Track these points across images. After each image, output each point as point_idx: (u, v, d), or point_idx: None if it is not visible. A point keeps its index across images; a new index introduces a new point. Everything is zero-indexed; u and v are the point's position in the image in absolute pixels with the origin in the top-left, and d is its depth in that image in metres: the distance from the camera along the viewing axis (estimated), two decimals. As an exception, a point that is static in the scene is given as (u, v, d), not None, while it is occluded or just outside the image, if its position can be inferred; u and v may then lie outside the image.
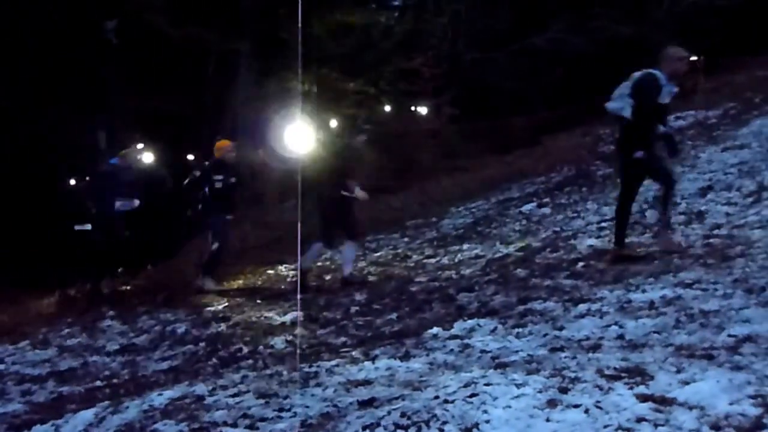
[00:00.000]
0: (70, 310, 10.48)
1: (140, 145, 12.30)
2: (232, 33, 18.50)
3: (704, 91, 17.38)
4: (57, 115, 15.45)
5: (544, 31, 20.78)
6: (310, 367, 5.43)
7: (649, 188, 9.17)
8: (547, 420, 3.70)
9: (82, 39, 16.30)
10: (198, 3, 18.03)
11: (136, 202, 11.19)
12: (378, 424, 3.91)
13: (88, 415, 4.98)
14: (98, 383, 6.74)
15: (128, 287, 11.99)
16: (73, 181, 13.30)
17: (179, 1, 17.44)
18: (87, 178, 11.94)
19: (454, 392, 4.21)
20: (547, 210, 11.85)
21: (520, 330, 5.77)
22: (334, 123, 16.97)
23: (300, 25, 18.21)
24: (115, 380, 6.83)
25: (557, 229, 10.48)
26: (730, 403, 3.63)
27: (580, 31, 19.80)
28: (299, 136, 8.46)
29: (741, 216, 8.71)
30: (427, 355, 5.37)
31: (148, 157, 12.44)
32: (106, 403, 5.30)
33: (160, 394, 5.16)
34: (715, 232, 8.34)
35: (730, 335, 4.74)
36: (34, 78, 15.16)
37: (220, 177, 10.52)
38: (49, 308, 11.39)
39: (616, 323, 5.48)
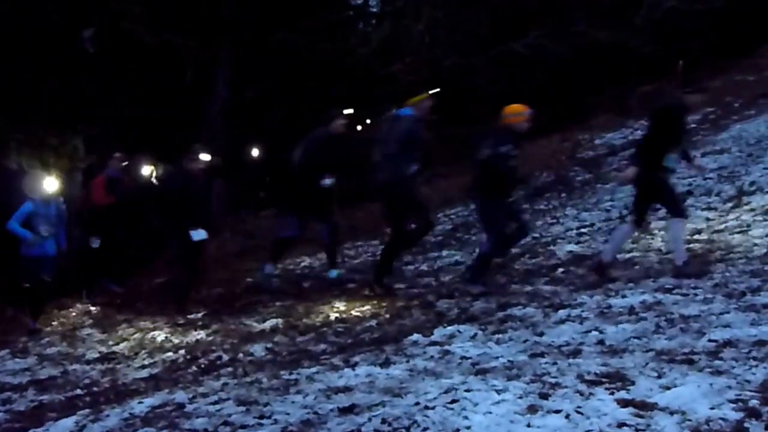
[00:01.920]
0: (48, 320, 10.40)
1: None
2: (211, 40, 18.44)
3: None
4: (34, 123, 15.34)
5: (524, 37, 20.82)
6: (290, 374, 5.43)
7: (629, 194, 9.19)
8: (528, 426, 3.70)
9: (58, 47, 16.19)
10: (176, 11, 17.96)
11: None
12: (359, 431, 3.91)
13: (68, 423, 4.95)
14: (78, 391, 6.70)
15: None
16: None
17: (157, 8, 17.36)
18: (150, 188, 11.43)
19: (435, 398, 4.20)
20: (525, 216, 11.88)
21: (500, 336, 5.78)
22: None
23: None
24: (95, 388, 6.79)
25: (536, 235, 10.51)
26: (711, 408, 3.64)
27: (560, 37, 19.85)
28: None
29: (721, 221, 8.78)
30: (407, 361, 5.36)
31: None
32: (87, 411, 5.28)
33: (141, 402, 5.13)
34: (695, 237, 8.39)
35: (710, 340, 4.76)
36: (10, 86, 15.06)
37: (506, 147, 7.95)
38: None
39: (596, 329, 5.50)
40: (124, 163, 11.96)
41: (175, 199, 9.43)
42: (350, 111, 10.03)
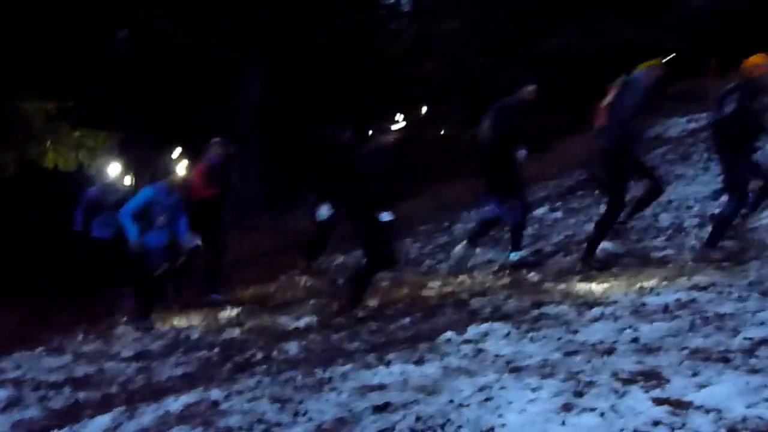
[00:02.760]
0: (85, 318, 10.49)
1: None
2: (241, 42, 18.55)
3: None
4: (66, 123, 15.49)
5: (553, 36, 20.74)
6: (325, 372, 5.45)
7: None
8: (563, 424, 3.70)
9: (92, 49, 16.36)
10: (206, 12, 18.07)
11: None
12: (393, 429, 3.93)
13: (104, 420, 5.01)
14: (114, 389, 6.75)
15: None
16: None
17: (188, 11, 17.48)
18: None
19: (469, 397, 4.22)
20: (559, 214, 11.83)
21: (534, 334, 5.77)
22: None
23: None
24: (130, 386, 6.84)
25: (570, 233, 10.46)
26: (747, 406, 3.62)
27: (589, 35, 19.75)
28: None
29: (755, 219, 8.69)
30: (441, 359, 5.38)
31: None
32: (123, 408, 5.33)
33: (176, 400, 5.18)
34: (729, 235, 8.32)
35: (745, 338, 4.73)
36: (44, 87, 15.21)
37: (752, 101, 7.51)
38: (64, 315, 11.41)
39: (630, 327, 5.48)
40: (225, 149, 11.02)
41: (370, 178, 8.70)
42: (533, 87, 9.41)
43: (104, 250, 10.51)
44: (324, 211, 10.20)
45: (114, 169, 11.18)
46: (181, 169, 9.73)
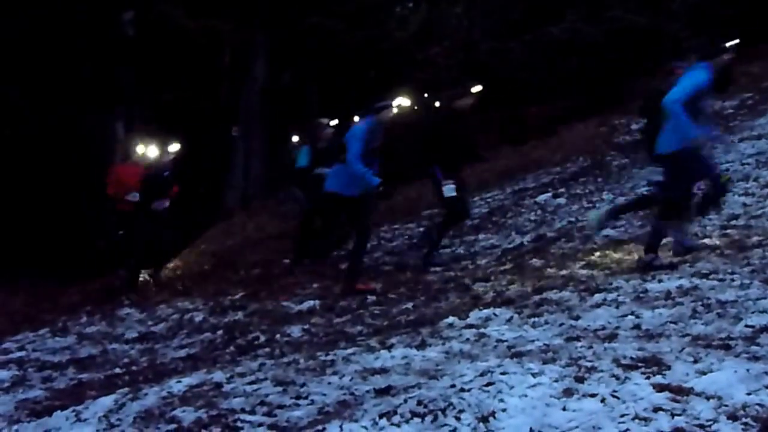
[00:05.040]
0: (88, 299, 10.54)
1: None
2: (248, 25, 18.52)
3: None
4: (73, 106, 15.50)
5: (560, 21, 20.68)
6: (327, 355, 5.47)
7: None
8: (564, 409, 3.72)
9: (98, 31, 16.34)
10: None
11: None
12: (395, 412, 3.94)
13: (107, 401, 5.02)
14: (117, 370, 6.79)
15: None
16: None
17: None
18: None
19: (471, 381, 4.24)
20: (562, 200, 11.82)
21: (536, 319, 5.79)
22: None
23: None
24: (134, 367, 6.88)
25: (572, 219, 10.46)
26: (748, 393, 3.64)
27: (596, 21, 19.72)
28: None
29: (758, 207, 8.68)
30: (443, 344, 5.39)
31: None
32: (126, 389, 5.35)
33: (179, 381, 5.20)
34: (732, 222, 8.32)
35: (747, 325, 4.74)
36: (51, 70, 15.21)
37: None
38: (69, 297, 11.46)
39: (632, 313, 5.49)
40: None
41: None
42: None
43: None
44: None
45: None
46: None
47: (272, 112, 19.53)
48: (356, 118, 9.29)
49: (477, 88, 9.54)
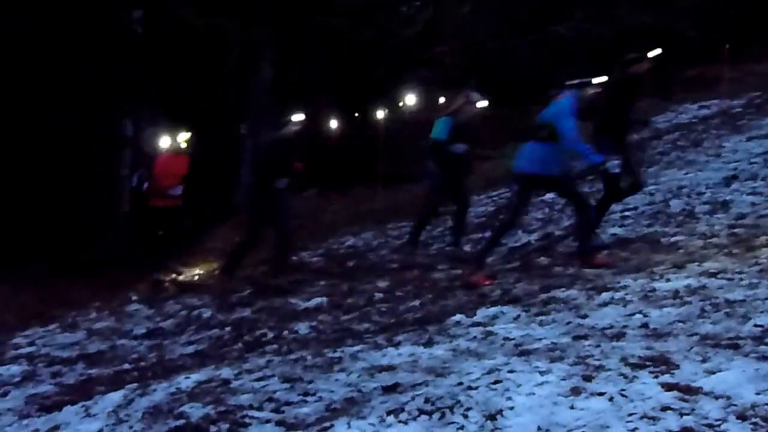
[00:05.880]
0: (98, 295, 10.57)
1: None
2: (255, 22, 18.52)
3: (728, 81, 17.28)
4: (82, 103, 15.51)
5: (567, 19, 20.66)
6: (334, 352, 5.48)
7: (673, 177, 9.12)
8: (571, 408, 3.72)
9: (106, 29, 16.36)
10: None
11: None
12: (402, 410, 3.95)
13: (116, 396, 5.05)
14: (126, 366, 6.82)
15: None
16: None
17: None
18: None
19: (478, 379, 4.24)
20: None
21: (543, 318, 5.79)
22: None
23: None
24: (142, 363, 6.91)
25: (579, 217, 10.45)
26: (757, 393, 3.63)
27: (603, 19, 19.69)
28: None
29: (766, 206, 8.68)
30: (450, 341, 5.40)
31: None
32: (135, 385, 5.38)
33: (187, 378, 5.22)
34: (740, 221, 8.32)
35: (756, 325, 4.73)
36: (59, 68, 15.22)
37: None
38: (78, 293, 11.49)
39: (640, 312, 5.48)
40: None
41: None
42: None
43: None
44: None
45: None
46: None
47: (280, 110, 19.53)
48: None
49: (655, 52, 9.08)
